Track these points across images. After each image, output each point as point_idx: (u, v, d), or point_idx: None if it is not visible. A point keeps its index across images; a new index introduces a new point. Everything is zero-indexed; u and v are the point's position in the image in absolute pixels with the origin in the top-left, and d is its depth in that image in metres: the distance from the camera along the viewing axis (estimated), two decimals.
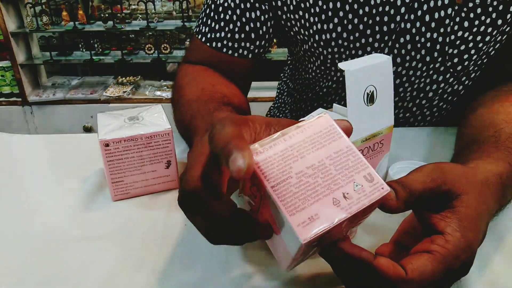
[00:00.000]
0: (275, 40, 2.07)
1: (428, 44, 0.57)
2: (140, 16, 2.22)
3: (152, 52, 2.20)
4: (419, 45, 0.58)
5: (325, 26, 0.59)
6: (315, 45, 0.62)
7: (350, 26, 0.58)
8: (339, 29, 0.58)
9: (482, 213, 0.33)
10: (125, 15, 2.17)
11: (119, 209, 0.48)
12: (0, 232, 0.45)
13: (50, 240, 0.44)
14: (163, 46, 2.19)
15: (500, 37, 0.57)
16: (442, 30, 0.56)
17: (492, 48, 0.59)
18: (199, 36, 0.64)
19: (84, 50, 2.29)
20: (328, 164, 0.29)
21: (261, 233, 0.30)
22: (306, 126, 0.30)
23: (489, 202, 0.34)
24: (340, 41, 0.59)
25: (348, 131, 0.31)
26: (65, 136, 0.66)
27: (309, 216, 0.27)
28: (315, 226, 0.27)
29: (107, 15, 2.18)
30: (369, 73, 0.41)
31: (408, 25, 0.56)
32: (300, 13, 0.60)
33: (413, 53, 0.59)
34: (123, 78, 2.29)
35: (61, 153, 0.60)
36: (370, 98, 0.43)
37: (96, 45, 2.26)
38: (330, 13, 0.58)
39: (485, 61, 0.61)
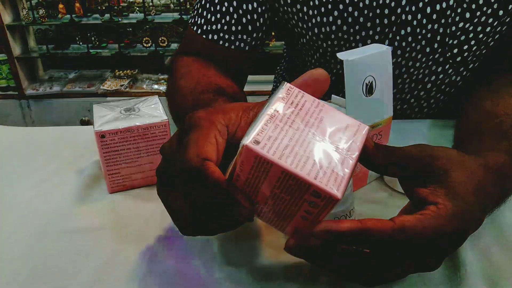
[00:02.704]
0: (273, 33, 2.06)
1: (429, 35, 0.57)
2: (138, 8, 2.20)
3: (149, 45, 2.19)
4: (419, 37, 0.57)
5: (324, 19, 0.58)
6: (314, 38, 0.61)
7: (350, 19, 0.57)
8: (339, 22, 0.58)
9: (477, 191, 0.32)
10: (122, 7, 2.16)
11: (116, 201, 0.48)
12: None
13: (46, 232, 0.43)
14: (160, 39, 2.18)
15: (500, 27, 0.57)
16: (443, 21, 0.56)
17: (491, 39, 0.58)
18: (195, 28, 0.63)
19: (81, 43, 2.28)
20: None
21: (245, 211, 0.29)
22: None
23: (486, 185, 0.34)
24: (340, 34, 0.59)
25: (323, 79, 0.33)
26: (61, 128, 0.65)
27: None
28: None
29: (104, 7, 2.16)
30: (368, 63, 0.41)
31: (409, 17, 0.56)
32: (298, 6, 0.59)
33: (413, 45, 0.58)
34: (121, 72, 2.28)
35: (57, 145, 0.60)
36: (369, 89, 0.42)
37: (93, 38, 2.25)
38: (329, 6, 0.57)
39: (483, 52, 0.60)
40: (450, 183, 0.31)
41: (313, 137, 0.29)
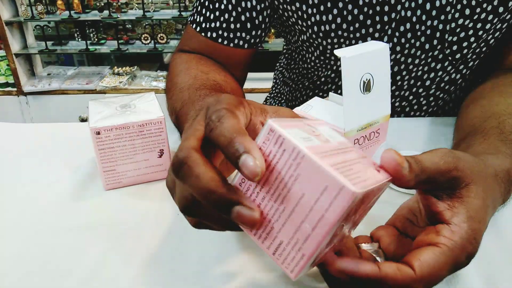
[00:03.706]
0: (272, 30, 2.05)
1: (428, 32, 0.57)
2: (136, 5, 2.19)
3: (148, 42, 2.18)
4: (419, 33, 0.57)
5: (324, 17, 0.58)
6: (313, 36, 0.61)
7: (350, 17, 0.57)
8: (338, 20, 0.57)
9: (488, 205, 0.32)
10: (121, 4, 2.15)
11: (111, 198, 0.47)
12: None
13: (42, 229, 0.43)
14: (159, 36, 2.17)
15: (500, 25, 0.56)
16: (442, 17, 0.55)
17: (491, 36, 0.58)
18: (194, 26, 0.63)
19: (79, 39, 2.27)
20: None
21: (249, 216, 0.26)
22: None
23: (496, 196, 0.33)
24: (339, 32, 0.59)
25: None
26: (58, 124, 0.65)
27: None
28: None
29: (102, 4, 2.15)
30: (365, 60, 0.40)
31: (409, 13, 0.56)
32: (297, 4, 0.59)
33: (412, 41, 0.58)
34: (119, 68, 2.27)
35: (53, 142, 0.59)
36: (367, 86, 0.42)
37: (92, 35, 2.24)
38: (329, 4, 0.57)
39: (483, 49, 0.60)
40: (469, 199, 0.30)
41: (277, 212, 0.25)
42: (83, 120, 2.16)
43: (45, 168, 0.53)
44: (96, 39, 2.25)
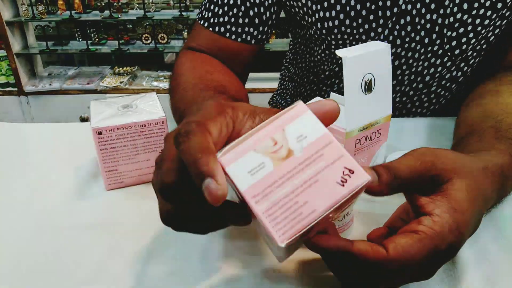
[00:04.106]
0: (273, 31, 2.05)
1: (428, 26, 0.57)
2: (137, 5, 2.19)
3: (149, 42, 2.18)
4: (418, 27, 0.58)
5: (327, 14, 0.59)
6: (318, 32, 0.62)
7: (352, 13, 0.57)
8: (341, 16, 0.58)
9: (476, 198, 0.32)
10: (121, 4, 2.15)
11: (113, 198, 0.47)
12: None
13: (44, 229, 0.43)
14: (160, 36, 2.17)
15: (499, 21, 0.57)
16: (441, 11, 0.56)
17: (491, 33, 0.58)
18: (202, 22, 0.64)
19: (80, 39, 2.27)
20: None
21: (237, 221, 0.29)
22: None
23: (486, 190, 0.34)
24: (343, 28, 0.59)
25: (334, 112, 0.30)
26: (59, 124, 0.65)
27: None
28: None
29: (103, 4, 2.15)
30: (367, 60, 0.41)
31: (409, 7, 0.56)
32: (303, 0, 0.60)
33: (412, 35, 0.59)
34: (120, 68, 2.27)
35: (55, 142, 0.59)
36: (368, 87, 0.42)
37: (92, 35, 2.24)
38: (332, 1, 0.57)
39: (484, 47, 0.60)
40: (452, 192, 0.31)
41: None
42: (84, 120, 2.16)
43: (46, 168, 0.53)
44: (97, 39, 2.25)
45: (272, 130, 0.28)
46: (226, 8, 0.61)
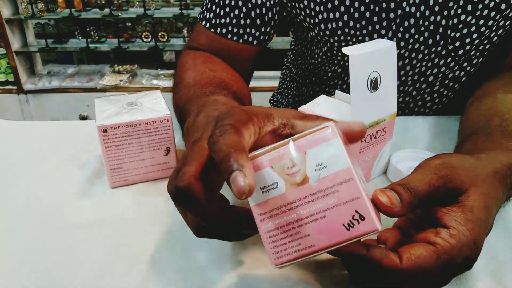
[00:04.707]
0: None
1: (431, 27, 0.57)
2: (137, 3, 2.19)
3: (149, 40, 2.18)
4: (422, 28, 0.58)
5: (331, 15, 0.58)
6: (321, 33, 0.61)
7: (356, 14, 0.57)
8: (345, 17, 0.58)
9: (490, 206, 0.32)
10: (121, 2, 2.14)
11: (117, 196, 0.47)
12: None
13: (47, 227, 0.43)
14: (160, 34, 2.16)
15: (503, 22, 0.57)
16: (445, 13, 0.56)
17: (494, 33, 0.58)
18: (203, 23, 0.64)
19: (80, 37, 2.26)
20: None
21: (253, 232, 0.30)
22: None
23: (498, 194, 0.33)
24: (346, 30, 0.59)
25: (360, 134, 0.30)
26: (61, 122, 0.65)
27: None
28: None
29: (103, 2, 2.15)
30: (373, 58, 0.40)
31: (413, 9, 0.56)
32: (305, 2, 0.59)
33: (416, 36, 0.58)
34: (120, 67, 2.27)
35: (58, 140, 0.59)
36: (374, 85, 0.42)
37: (92, 33, 2.23)
38: (336, 2, 0.57)
39: (487, 47, 0.60)
40: (468, 203, 0.31)
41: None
42: (83, 118, 2.16)
43: (49, 167, 0.53)
44: (96, 37, 2.25)
45: (293, 150, 0.28)
46: (227, 10, 0.61)
